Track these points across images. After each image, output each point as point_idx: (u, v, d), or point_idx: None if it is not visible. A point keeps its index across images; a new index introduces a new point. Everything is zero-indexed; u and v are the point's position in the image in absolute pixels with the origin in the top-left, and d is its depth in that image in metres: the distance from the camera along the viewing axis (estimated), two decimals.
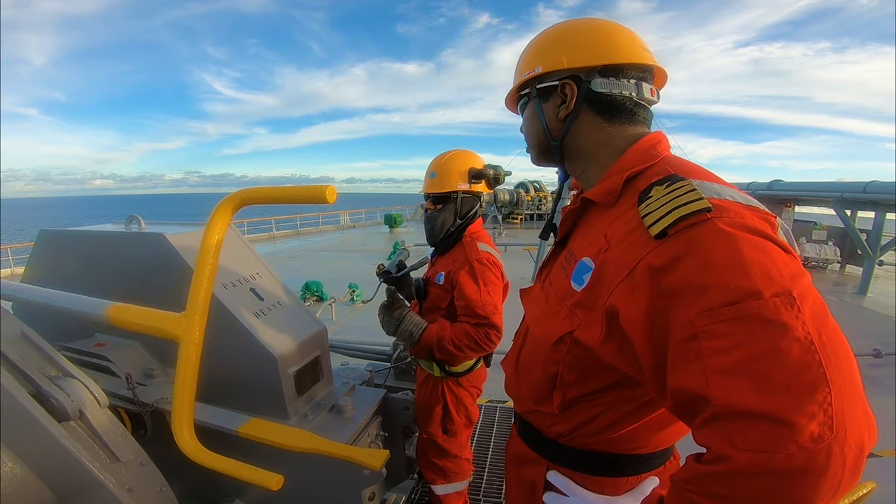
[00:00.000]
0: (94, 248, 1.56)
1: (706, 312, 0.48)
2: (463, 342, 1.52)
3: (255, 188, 0.88)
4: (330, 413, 1.44)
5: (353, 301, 7.55)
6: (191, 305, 0.83)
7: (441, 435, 1.74)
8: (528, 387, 0.85)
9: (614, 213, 0.70)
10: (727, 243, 0.50)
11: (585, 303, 0.68)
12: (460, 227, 1.72)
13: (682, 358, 0.50)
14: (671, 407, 0.55)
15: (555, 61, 0.80)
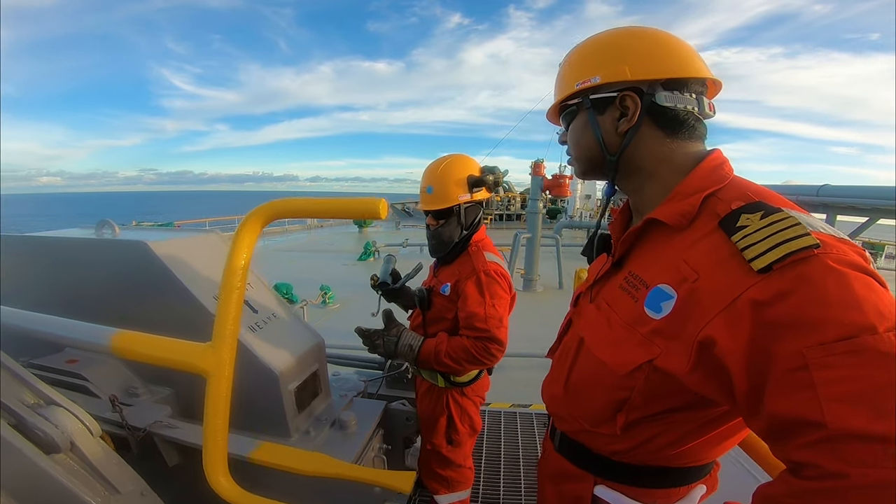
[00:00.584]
0: (62, 257, 1.42)
1: (820, 346, 0.50)
2: (460, 356, 1.48)
3: (290, 200, 0.79)
4: (332, 428, 1.38)
5: (326, 303, 7.38)
6: (218, 335, 0.73)
7: (445, 445, 1.70)
8: (585, 410, 0.83)
9: (689, 237, 0.68)
10: (839, 280, 0.51)
11: (667, 331, 0.66)
12: (465, 238, 1.65)
13: (788, 386, 0.52)
14: (761, 428, 0.57)
15: (616, 71, 0.76)
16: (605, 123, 0.79)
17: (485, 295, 1.51)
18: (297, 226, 20.42)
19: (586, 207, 22.75)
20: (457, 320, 1.59)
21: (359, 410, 1.50)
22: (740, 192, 0.66)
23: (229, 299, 0.73)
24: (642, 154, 0.78)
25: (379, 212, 0.70)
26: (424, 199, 1.65)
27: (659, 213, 0.73)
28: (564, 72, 0.85)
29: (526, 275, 7.64)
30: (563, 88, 0.84)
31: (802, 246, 0.53)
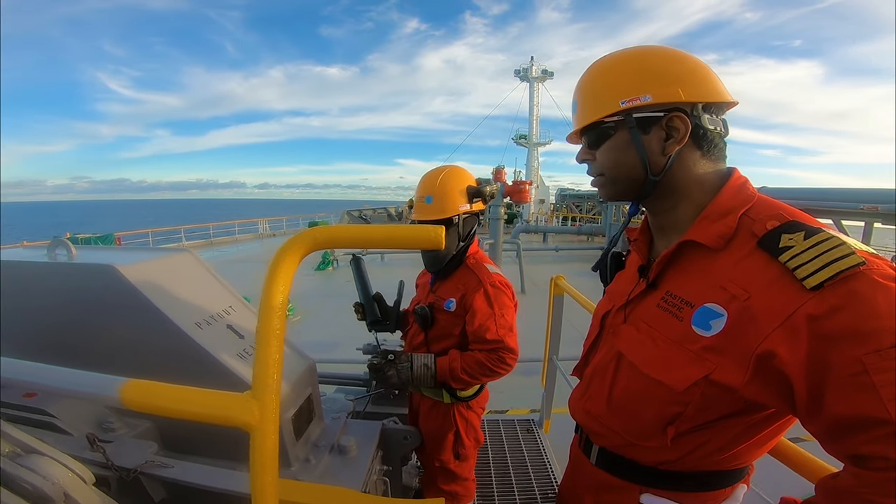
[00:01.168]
0: (7, 285, 1.24)
1: (875, 353, 0.55)
2: (475, 370, 1.48)
3: (335, 227, 0.70)
4: (332, 454, 1.30)
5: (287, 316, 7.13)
6: (260, 385, 0.64)
7: (453, 461, 1.68)
8: (632, 426, 0.84)
9: (728, 258, 0.71)
10: (886, 294, 0.57)
11: (720, 347, 0.69)
12: (462, 250, 1.62)
13: (851, 389, 0.57)
14: (820, 428, 0.62)
15: (670, 92, 0.76)
16: (652, 144, 0.78)
17: (493, 307, 1.51)
18: (249, 235, 19.65)
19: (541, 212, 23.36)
20: (464, 335, 1.57)
21: (356, 433, 1.42)
22: (772, 212, 0.70)
23: (269, 344, 0.64)
24: (680, 175, 0.79)
25: (440, 240, 0.65)
26: (423, 209, 1.60)
27: (696, 235, 0.75)
28: (599, 88, 0.83)
29: None
30: (601, 105, 0.81)
31: (851, 265, 0.58)
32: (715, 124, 0.77)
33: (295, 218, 24.27)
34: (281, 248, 0.68)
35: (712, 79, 0.78)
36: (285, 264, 0.67)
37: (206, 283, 1.41)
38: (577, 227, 18.63)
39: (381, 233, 0.71)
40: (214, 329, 1.23)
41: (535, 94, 29.97)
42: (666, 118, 0.76)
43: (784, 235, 0.65)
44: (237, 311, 1.38)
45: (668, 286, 0.80)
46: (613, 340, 0.90)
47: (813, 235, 0.63)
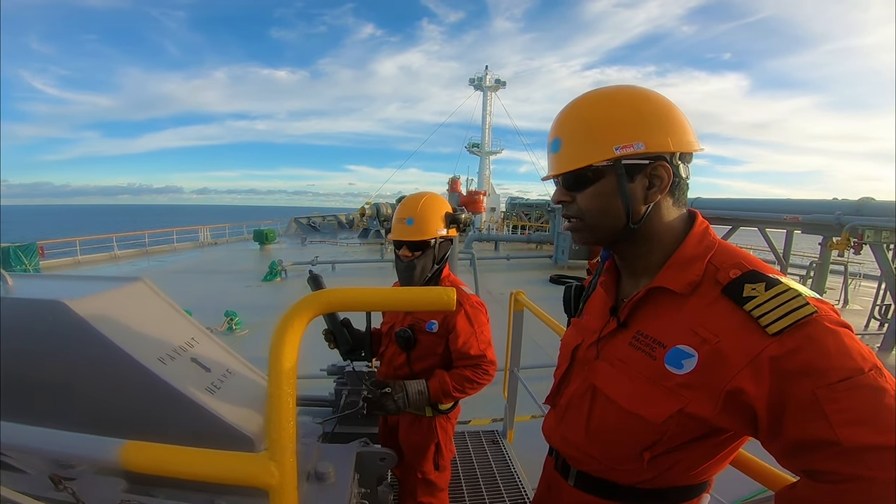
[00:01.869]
0: None
1: (827, 386, 0.64)
2: (465, 386, 1.59)
3: (349, 290, 0.69)
4: (309, 482, 1.24)
5: (233, 329, 6.80)
6: (276, 447, 0.65)
7: (433, 472, 1.75)
8: (611, 454, 0.89)
9: (694, 303, 0.78)
10: (834, 338, 0.66)
11: (693, 384, 0.76)
12: (437, 272, 1.73)
13: (804, 418, 0.66)
14: (779, 448, 0.71)
15: (661, 142, 0.79)
16: (636, 191, 0.81)
17: (474, 325, 1.64)
18: (188, 243, 18.59)
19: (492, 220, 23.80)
20: (445, 354, 1.67)
21: (330, 458, 1.38)
22: (734, 260, 0.78)
23: (281, 408, 0.65)
24: (657, 222, 0.84)
25: (452, 303, 0.67)
26: (403, 230, 1.67)
27: (666, 282, 0.81)
28: (594, 131, 0.82)
29: None
30: (593, 150, 0.81)
31: (807, 314, 0.67)
32: (687, 172, 0.83)
33: (238, 225, 23.22)
34: (289, 311, 0.69)
35: (689, 128, 0.83)
36: (293, 328, 0.67)
37: (165, 314, 1.34)
38: (527, 236, 19.12)
39: (395, 295, 0.72)
40: (179, 363, 1.17)
41: (488, 103, 30.62)
42: (650, 167, 0.79)
43: (747, 285, 0.73)
44: (200, 343, 1.31)
45: (639, 326, 0.85)
46: (588, 374, 0.95)
47: (773, 287, 0.71)
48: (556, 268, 13.45)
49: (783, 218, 7.61)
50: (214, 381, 1.19)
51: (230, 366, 1.30)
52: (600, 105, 0.84)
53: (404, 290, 0.70)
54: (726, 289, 0.74)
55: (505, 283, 9.56)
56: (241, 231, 22.23)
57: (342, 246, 18.22)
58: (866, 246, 6.53)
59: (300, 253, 14.97)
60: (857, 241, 6.44)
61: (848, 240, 6.34)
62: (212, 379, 1.19)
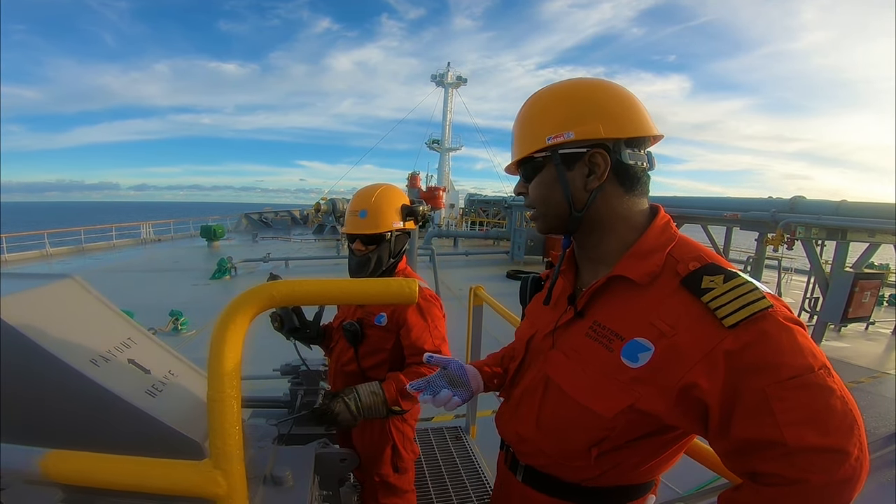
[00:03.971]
0: None
1: (776, 384, 0.63)
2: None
3: (299, 282, 0.62)
4: (266, 486, 1.17)
5: (178, 330, 6.44)
6: (221, 454, 0.60)
7: (392, 474, 1.67)
8: (560, 448, 0.87)
9: (653, 294, 0.76)
10: (787, 334, 0.66)
11: (646, 378, 0.74)
12: (391, 266, 1.66)
13: (753, 415, 0.65)
14: (726, 447, 0.70)
15: (590, 129, 0.78)
16: (575, 180, 0.81)
17: (427, 319, 1.56)
18: (129, 240, 17.45)
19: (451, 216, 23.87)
20: (395, 350, 1.59)
21: (287, 461, 1.30)
22: (694, 253, 0.77)
23: (224, 410, 0.60)
24: (604, 210, 0.83)
25: (414, 295, 0.63)
26: (356, 223, 1.58)
27: (625, 271, 0.80)
28: (531, 123, 0.85)
29: None
30: (531, 141, 0.84)
31: (762, 307, 0.66)
32: (637, 159, 0.80)
33: (185, 221, 22.04)
34: (229, 306, 0.62)
35: (635, 113, 0.81)
36: (234, 325, 0.61)
37: (98, 313, 1.21)
38: (485, 232, 19.35)
39: (351, 288, 0.65)
40: (114, 366, 1.05)
41: (449, 99, 30.70)
42: (588, 154, 0.79)
43: (705, 277, 0.72)
44: (138, 343, 1.19)
45: (596, 316, 0.84)
46: (542, 365, 0.92)
47: (731, 279, 0.71)
48: (514, 264, 13.68)
49: (724, 215, 8.07)
50: (155, 383, 1.08)
51: (173, 367, 1.20)
52: (541, 98, 0.86)
53: (362, 282, 0.64)
54: (685, 280, 0.73)
55: (464, 279, 9.61)
56: (188, 227, 21.13)
57: (296, 242, 17.71)
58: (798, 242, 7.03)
59: (251, 250, 14.42)
60: (790, 237, 6.93)
61: (782, 236, 6.80)
62: (152, 381, 1.08)
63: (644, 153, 0.82)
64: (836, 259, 6.91)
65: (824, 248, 7.37)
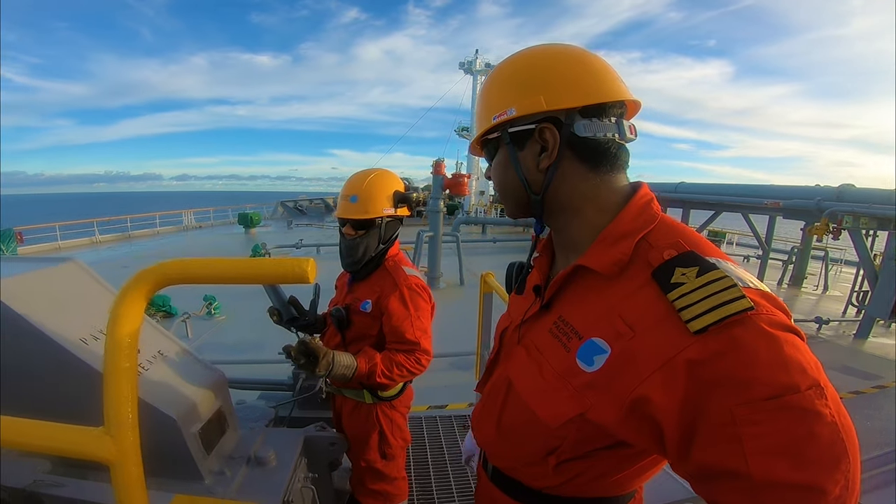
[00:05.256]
0: None
1: (747, 404, 0.52)
2: (394, 372, 1.50)
3: (186, 260, 0.63)
4: (249, 466, 1.22)
5: (211, 314, 6.70)
6: (114, 422, 0.61)
7: (380, 460, 1.67)
8: (518, 453, 0.81)
9: (621, 287, 0.66)
10: (769, 343, 0.53)
11: (599, 385, 0.65)
12: (381, 252, 1.64)
13: (717, 439, 0.54)
14: (688, 472, 0.60)
15: (532, 103, 0.70)
16: (527, 160, 0.73)
17: (409, 308, 1.54)
18: (172, 227, 18.30)
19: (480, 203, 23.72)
20: (380, 337, 1.59)
21: (275, 442, 1.34)
22: (671, 239, 0.65)
23: (119, 381, 0.61)
24: (566, 192, 0.73)
25: (306, 275, 0.60)
26: (347, 207, 1.58)
27: (589, 261, 0.70)
28: (482, 102, 0.78)
29: (430, 272, 7.70)
30: (481, 121, 0.77)
31: (738, 310, 0.55)
32: (596, 130, 0.70)
33: (223, 209, 22.87)
34: (126, 283, 0.63)
35: (587, 80, 0.70)
36: (131, 299, 0.62)
37: (94, 295, 1.27)
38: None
39: (242, 268, 0.64)
40: (102, 344, 1.10)
41: (477, 86, 30.22)
42: (537, 130, 0.71)
43: (678, 269, 0.61)
44: None
45: (561, 310, 0.75)
46: (505, 361, 0.87)
47: (706, 273, 0.59)
48: None
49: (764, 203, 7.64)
50: (142, 362, 1.13)
51: (164, 347, 1.24)
52: (491, 75, 0.79)
53: (253, 262, 0.63)
54: (656, 272, 0.62)
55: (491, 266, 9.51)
56: (227, 215, 21.92)
57: (329, 229, 18.07)
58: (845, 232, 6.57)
59: (285, 236, 14.82)
60: (836, 226, 6.48)
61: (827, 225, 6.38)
62: (140, 360, 1.12)
63: (611, 122, 0.70)
64: (886, 250, 6.43)
65: (875, 238, 6.89)
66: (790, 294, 8.96)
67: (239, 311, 6.72)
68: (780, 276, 9.86)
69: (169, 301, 6.40)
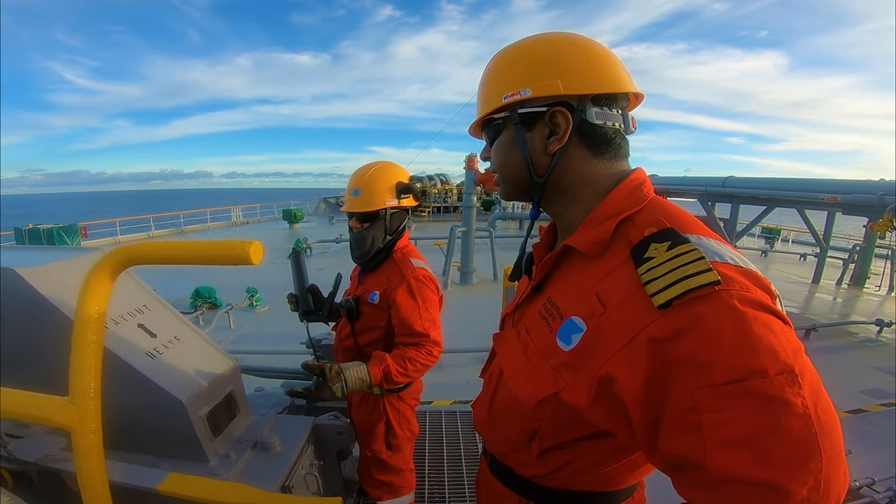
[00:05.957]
0: None
1: (709, 387, 0.49)
2: (409, 368, 1.50)
3: (145, 244, 0.69)
4: (254, 451, 1.28)
5: (253, 306, 6.99)
6: (77, 391, 0.67)
7: (385, 451, 1.70)
8: (505, 436, 0.82)
9: (602, 266, 0.65)
10: (735, 321, 0.50)
11: (573, 364, 0.64)
12: (389, 244, 1.66)
13: (679, 427, 0.52)
14: (659, 464, 0.57)
15: (549, 85, 0.69)
16: (534, 141, 0.73)
17: (417, 300, 1.55)
18: (221, 223, 19.22)
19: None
20: (388, 328, 1.61)
21: (284, 429, 1.40)
22: (654, 217, 0.64)
23: (84, 355, 0.68)
24: (569, 176, 0.73)
25: (249, 256, 0.63)
26: (350, 200, 1.62)
27: (573, 240, 0.70)
28: (489, 82, 0.77)
29: (462, 268, 7.70)
30: (488, 101, 0.77)
31: (703, 283, 0.52)
32: (606, 119, 0.70)
33: (269, 205, 23.80)
34: (94, 265, 0.69)
35: (603, 68, 0.71)
36: (97, 279, 0.68)
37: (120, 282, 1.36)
38: None
39: (192, 249, 0.69)
40: (124, 328, 1.19)
41: None
42: (548, 113, 0.70)
43: (652, 244, 0.59)
44: (152, 310, 1.32)
45: (550, 292, 0.75)
46: (500, 346, 0.87)
47: (677, 246, 0.57)
48: None
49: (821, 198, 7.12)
50: (158, 346, 1.20)
51: (181, 334, 1.31)
52: (500, 56, 0.78)
53: (199, 244, 0.68)
54: (633, 249, 0.61)
55: None
56: (273, 210, 22.78)
57: None
58: None
59: (326, 231, 15.22)
60: None
61: (890, 221, 5.86)
62: (155, 345, 1.20)
63: (618, 113, 0.71)
64: None
65: None
66: (851, 294, 8.32)
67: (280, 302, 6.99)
68: (839, 276, 9.19)
69: (215, 293, 6.74)
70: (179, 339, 1.30)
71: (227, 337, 5.21)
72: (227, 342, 5.07)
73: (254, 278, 7.90)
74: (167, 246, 0.68)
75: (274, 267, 10.25)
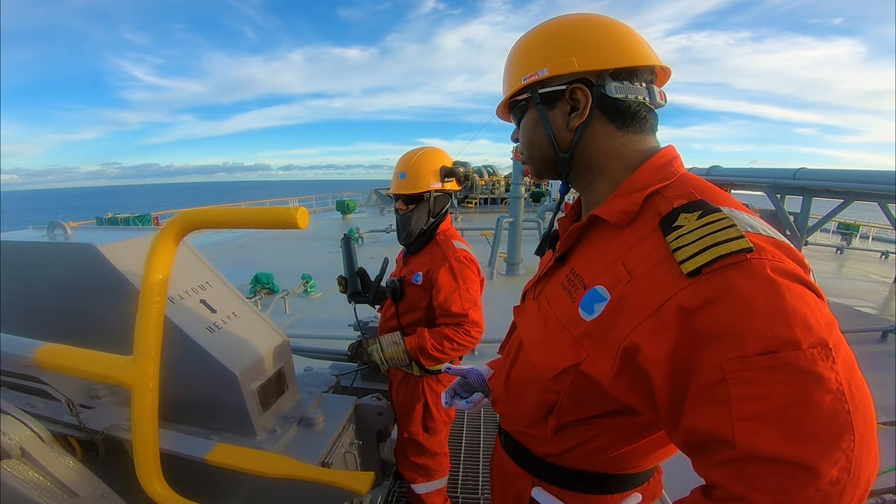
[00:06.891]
0: (12, 263, 1.33)
1: (739, 359, 0.47)
2: (445, 346, 1.55)
3: (203, 209, 0.76)
4: (299, 426, 1.36)
5: (308, 292, 7.32)
6: (140, 351, 0.74)
7: (422, 433, 1.75)
8: (521, 410, 0.82)
9: (630, 237, 0.65)
10: (769, 290, 0.48)
11: (595, 334, 0.64)
12: (433, 226, 1.71)
13: (705, 400, 0.50)
14: (680, 442, 0.56)
15: (564, 63, 0.71)
16: (556, 119, 0.75)
17: (458, 280, 1.58)
18: None
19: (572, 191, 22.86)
20: (429, 309, 1.65)
21: (328, 407, 1.48)
22: (684, 190, 0.63)
23: (148, 315, 0.74)
24: (594, 150, 0.74)
25: (296, 221, 0.68)
26: (397, 183, 1.69)
27: (601, 210, 0.70)
28: (511, 65, 0.80)
29: (509, 259, 7.65)
30: (510, 83, 0.80)
31: (734, 249, 0.50)
32: (627, 92, 0.70)
33: (324, 196, 24.66)
34: (159, 232, 0.75)
35: (618, 43, 0.71)
36: (162, 244, 0.74)
37: (185, 260, 1.47)
38: None
39: (240, 214, 0.75)
40: (188, 303, 1.29)
41: None
42: (568, 90, 0.72)
43: (682, 214, 0.58)
44: (213, 287, 1.42)
45: (574, 264, 0.76)
46: (520, 319, 0.88)
47: (708, 214, 0.55)
48: None
49: None
50: (217, 321, 1.30)
51: (237, 310, 1.41)
52: (519, 40, 0.80)
53: (252, 210, 0.74)
54: (663, 220, 0.60)
55: None
56: (326, 202, 23.61)
57: None
58: None
59: (377, 221, 15.59)
60: None
61: None
62: (215, 319, 1.30)
63: (642, 86, 0.71)
64: None
65: None
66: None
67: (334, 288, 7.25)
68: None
69: (273, 279, 7.12)
70: (237, 315, 1.39)
71: (282, 321, 5.49)
72: (283, 326, 5.33)
73: (309, 266, 8.24)
74: (223, 212, 0.75)
75: (328, 256, 10.69)
